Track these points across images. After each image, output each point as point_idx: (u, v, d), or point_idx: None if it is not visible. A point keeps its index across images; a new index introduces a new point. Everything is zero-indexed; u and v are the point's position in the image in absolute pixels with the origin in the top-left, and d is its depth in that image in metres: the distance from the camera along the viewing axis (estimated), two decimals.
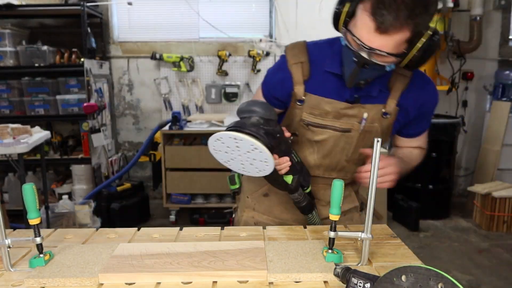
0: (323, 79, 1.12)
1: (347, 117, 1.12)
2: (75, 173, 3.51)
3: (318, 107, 1.12)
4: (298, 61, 1.13)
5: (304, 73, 1.13)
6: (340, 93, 1.11)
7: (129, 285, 0.82)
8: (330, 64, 1.11)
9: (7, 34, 3.30)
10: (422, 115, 1.18)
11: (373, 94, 1.11)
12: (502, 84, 3.90)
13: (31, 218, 0.86)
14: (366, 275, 0.72)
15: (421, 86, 1.15)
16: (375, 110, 1.12)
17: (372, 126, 1.13)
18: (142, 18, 3.83)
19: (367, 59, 0.96)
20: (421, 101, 1.15)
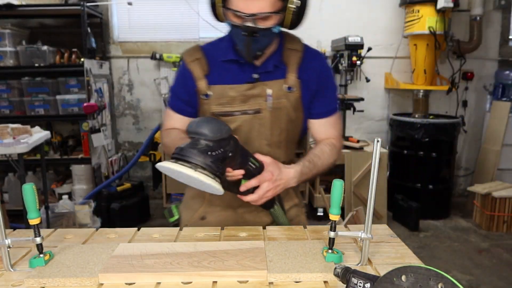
0: (222, 70, 1.17)
1: (253, 98, 1.16)
2: (75, 173, 3.52)
3: (224, 95, 1.16)
4: (195, 58, 1.18)
5: (203, 68, 1.17)
6: (240, 77, 1.16)
7: (129, 285, 0.82)
8: (225, 54, 1.17)
9: (7, 34, 3.30)
10: (323, 87, 1.21)
11: (269, 69, 1.15)
12: (502, 84, 3.90)
13: (31, 218, 0.86)
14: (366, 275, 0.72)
15: (313, 58, 1.21)
16: (277, 86, 1.16)
17: (280, 103, 1.16)
18: (142, 18, 3.83)
19: (253, 27, 1.02)
20: (317, 71, 1.20)
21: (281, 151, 1.21)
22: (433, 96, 3.97)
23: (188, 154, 0.88)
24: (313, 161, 1.16)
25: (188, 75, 1.18)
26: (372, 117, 4.05)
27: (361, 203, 3.34)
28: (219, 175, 0.90)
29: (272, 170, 1.05)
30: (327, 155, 1.20)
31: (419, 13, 3.44)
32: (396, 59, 3.93)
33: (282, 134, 1.19)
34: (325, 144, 1.23)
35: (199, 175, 0.86)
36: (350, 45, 3.34)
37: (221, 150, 0.91)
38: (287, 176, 1.08)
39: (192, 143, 0.90)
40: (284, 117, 1.17)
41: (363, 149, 3.47)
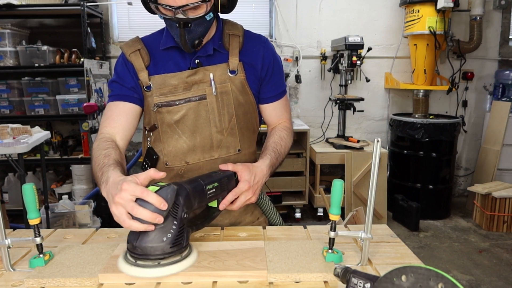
0: (163, 59, 1.15)
1: (196, 84, 1.13)
2: (75, 173, 3.52)
3: (165, 84, 1.13)
4: (135, 49, 1.15)
5: (144, 59, 1.15)
6: (181, 65, 1.14)
7: (129, 285, 0.82)
8: (164, 42, 1.16)
9: (7, 34, 3.30)
10: (269, 71, 1.20)
11: (209, 52, 1.14)
12: (502, 84, 3.90)
13: (31, 218, 0.85)
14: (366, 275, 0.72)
15: (255, 42, 1.20)
16: (220, 70, 1.14)
17: (224, 86, 1.14)
18: (142, 18, 3.83)
19: (185, 18, 1.01)
20: (261, 56, 1.19)
21: (235, 139, 1.17)
22: (433, 96, 3.97)
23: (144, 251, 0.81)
24: (276, 150, 1.18)
25: (130, 67, 1.15)
26: (372, 117, 4.05)
27: (361, 203, 3.34)
28: (185, 246, 0.86)
29: (248, 178, 1.03)
30: (285, 140, 1.23)
31: (419, 13, 3.44)
32: (396, 59, 3.93)
33: (232, 120, 1.16)
34: (281, 129, 1.25)
35: (166, 269, 0.82)
36: (350, 45, 3.34)
37: (174, 225, 0.82)
38: (261, 176, 1.08)
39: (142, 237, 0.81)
40: (231, 101, 1.15)
41: (363, 149, 3.47)
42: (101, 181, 0.93)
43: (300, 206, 3.60)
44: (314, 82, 3.93)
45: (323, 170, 3.87)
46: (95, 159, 1.02)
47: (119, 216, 0.80)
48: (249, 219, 1.27)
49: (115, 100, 1.15)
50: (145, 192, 0.79)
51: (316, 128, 3.93)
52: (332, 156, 3.47)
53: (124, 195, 0.79)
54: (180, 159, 1.16)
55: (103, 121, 1.15)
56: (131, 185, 0.80)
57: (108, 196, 0.85)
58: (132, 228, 0.79)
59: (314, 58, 3.90)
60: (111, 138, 1.11)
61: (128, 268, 0.83)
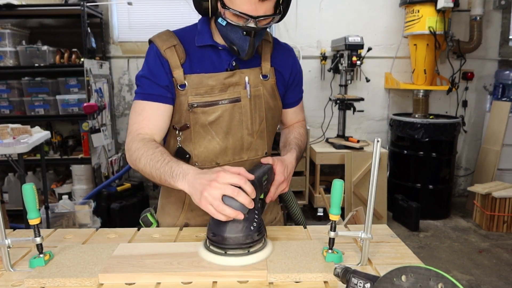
0: (198, 57, 1.12)
1: (232, 86, 1.13)
2: (75, 173, 3.52)
3: (202, 84, 1.11)
4: (171, 44, 1.10)
5: (180, 56, 1.10)
6: (218, 65, 1.13)
7: (129, 285, 0.82)
8: (200, 39, 1.13)
9: (7, 34, 3.30)
10: (295, 78, 1.25)
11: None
12: (502, 84, 3.90)
13: (31, 218, 0.85)
14: (366, 275, 0.72)
15: (284, 50, 1.24)
16: (254, 74, 1.15)
17: (257, 90, 1.15)
18: (142, 18, 3.83)
19: (256, 28, 1.02)
20: (290, 62, 1.23)
21: (263, 142, 1.19)
22: (433, 96, 3.97)
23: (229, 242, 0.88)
24: (299, 145, 1.24)
25: (164, 64, 1.09)
26: (372, 117, 4.05)
27: (361, 203, 3.34)
28: (262, 231, 0.92)
29: (282, 170, 1.08)
30: (304, 137, 1.29)
31: (419, 13, 3.44)
32: (396, 59, 3.93)
33: (263, 123, 1.17)
34: (299, 127, 1.32)
35: (256, 256, 0.88)
36: (350, 45, 3.34)
37: (256, 214, 0.90)
38: (292, 168, 1.13)
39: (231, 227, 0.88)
40: (263, 105, 1.16)
41: (363, 149, 3.47)
42: (173, 175, 0.94)
43: (300, 206, 3.59)
44: (314, 82, 3.93)
45: (323, 170, 3.87)
46: (148, 156, 1.00)
47: (211, 198, 0.85)
48: (268, 218, 1.28)
49: (148, 99, 1.09)
50: (242, 179, 0.86)
51: (316, 128, 3.93)
52: (332, 156, 3.47)
53: (223, 180, 0.86)
54: (211, 160, 1.15)
55: (137, 121, 1.09)
56: (228, 173, 0.87)
57: (196, 184, 0.89)
58: (224, 212, 0.84)
59: (314, 58, 3.90)
60: (152, 138, 1.08)
61: (219, 258, 0.87)
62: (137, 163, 1.03)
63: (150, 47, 1.14)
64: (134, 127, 1.09)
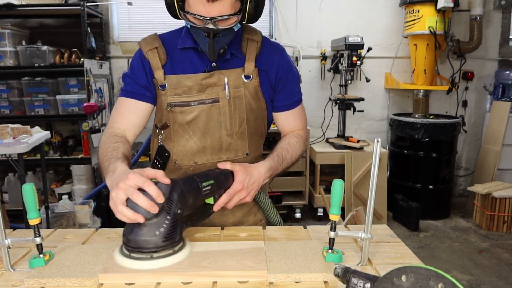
0: (180, 59, 1.16)
1: (210, 87, 1.14)
2: (75, 173, 3.52)
3: (180, 85, 1.14)
4: (153, 47, 1.16)
5: (161, 57, 1.15)
6: (198, 67, 1.15)
7: (129, 285, 0.82)
8: (182, 42, 1.16)
9: (7, 34, 3.30)
10: (283, 80, 1.21)
11: (227, 57, 1.14)
12: (502, 84, 3.90)
13: (31, 218, 0.85)
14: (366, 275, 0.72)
15: (273, 50, 1.21)
16: (235, 75, 1.15)
17: (238, 91, 1.15)
18: (142, 18, 3.83)
19: (215, 29, 1.02)
20: (276, 65, 1.20)
21: (244, 143, 1.19)
22: (433, 96, 3.97)
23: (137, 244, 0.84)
24: (281, 155, 1.18)
25: (146, 65, 1.16)
26: (372, 117, 4.05)
27: (361, 203, 3.34)
28: (178, 240, 0.88)
29: (242, 179, 1.04)
30: (294, 147, 1.22)
31: (419, 13, 3.44)
32: (396, 59, 3.93)
33: (243, 124, 1.17)
34: (291, 136, 1.25)
35: (158, 262, 0.84)
36: (350, 45, 3.34)
37: (167, 220, 0.85)
38: (258, 177, 1.09)
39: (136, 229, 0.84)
40: (243, 106, 1.16)
41: (363, 149, 3.47)
42: (107, 171, 0.96)
43: (300, 206, 3.60)
44: (314, 82, 3.93)
45: (323, 170, 3.87)
46: (103, 151, 1.05)
47: (115, 199, 0.82)
48: (252, 220, 1.27)
49: (128, 96, 1.17)
50: (147, 182, 0.83)
51: (316, 128, 3.93)
52: (332, 156, 3.48)
53: (129, 182, 0.82)
54: (189, 158, 1.18)
55: (114, 116, 1.17)
56: (136, 175, 0.83)
57: (112, 184, 0.88)
58: (123, 214, 0.82)
59: (314, 58, 3.90)
60: (122, 133, 1.14)
61: (122, 260, 0.85)
62: (97, 154, 1.08)
63: (138, 49, 1.21)
64: (110, 121, 1.17)
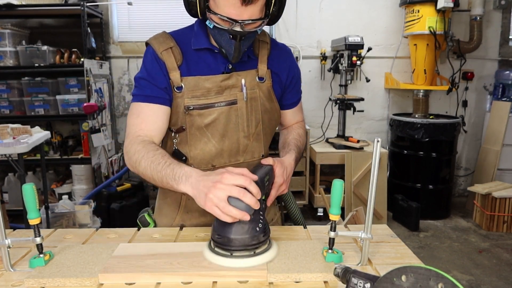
0: (195, 59, 1.13)
1: (228, 89, 1.13)
2: (75, 173, 3.52)
3: (198, 86, 1.11)
4: (168, 47, 1.11)
5: (177, 58, 1.11)
6: (215, 68, 1.13)
7: (129, 285, 0.82)
8: (197, 42, 1.13)
9: (7, 34, 3.30)
10: (292, 79, 1.25)
11: (244, 59, 1.14)
12: (502, 84, 3.90)
13: (31, 218, 0.85)
14: (366, 275, 0.72)
15: (282, 52, 1.23)
16: (250, 76, 1.15)
17: (254, 92, 1.15)
18: (142, 18, 3.83)
19: (242, 31, 1.01)
20: (288, 67, 1.23)
21: (259, 144, 1.19)
22: (433, 96, 3.97)
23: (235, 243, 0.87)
24: (298, 146, 1.24)
25: (162, 66, 1.10)
26: (372, 117, 4.05)
27: (361, 203, 3.34)
28: (267, 232, 0.91)
29: (281, 172, 1.07)
30: (303, 137, 1.30)
31: (419, 13, 3.44)
32: (396, 59, 3.93)
33: (259, 126, 1.17)
34: (298, 128, 1.32)
35: (262, 257, 0.88)
36: (350, 45, 3.34)
37: (261, 215, 0.89)
38: (291, 169, 1.13)
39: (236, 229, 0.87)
40: (259, 108, 1.16)
41: (363, 149, 3.47)
42: (174, 177, 0.94)
43: (300, 206, 3.60)
44: (314, 82, 3.93)
45: (323, 170, 3.87)
46: (150, 159, 0.99)
47: (217, 199, 0.84)
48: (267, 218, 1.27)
49: (147, 101, 1.09)
50: (248, 180, 0.86)
51: (316, 128, 3.93)
52: (332, 156, 3.47)
53: (228, 181, 0.85)
54: (206, 162, 1.15)
55: (137, 123, 1.09)
56: (233, 174, 0.86)
57: (203, 186, 0.88)
58: (231, 213, 0.83)
59: (314, 58, 3.90)
60: (152, 140, 1.08)
61: (225, 260, 0.86)
62: (137, 165, 1.02)
63: (147, 49, 1.14)
64: (133, 129, 1.08)
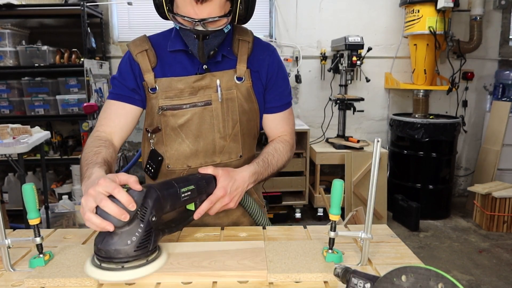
0: (170, 61, 1.14)
1: (202, 89, 1.13)
2: (75, 173, 3.51)
3: (171, 87, 1.12)
4: (142, 49, 1.13)
5: (151, 60, 1.13)
6: (189, 69, 1.13)
7: (129, 285, 0.82)
8: (172, 44, 1.14)
9: (7, 34, 3.30)
10: (273, 80, 1.20)
11: (218, 59, 1.13)
12: (502, 84, 3.90)
13: (31, 218, 0.85)
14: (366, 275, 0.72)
15: (263, 50, 1.20)
16: (227, 76, 1.14)
17: (230, 93, 1.14)
18: (142, 18, 3.83)
19: (204, 31, 1.01)
20: (266, 64, 1.19)
21: (237, 145, 1.18)
22: (433, 96, 3.97)
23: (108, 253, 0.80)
24: (267, 160, 1.16)
25: (135, 67, 1.13)
26: (372, 117, 4.05)
27: (361, 203, 3.34)
28: (152, 250, 0.84)
29: (225, 184, 1.02)
30: (280, 152, 1.20)
31: (419, 13, 3.44)
32: (396, 59, 3.93)
33: (236, 126, 1.16)
34: (278, 142, 1.23)
35: (129, 273, 0.80)
36: (350, 45, 3.34)
37: (140, 228, 0.81)
38: (242, 182, 1.07)
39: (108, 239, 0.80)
40: (236, 108, 1.15)
41: (363, 149, 3.47)
42: (84, 176, 0.94)
43: (300, 206, 3.60)
44: (314, 82, 3.93)
45: (323, 170, 3.87)
46: (84, 155, 1.03)
47: (85, 206, 0.79)
48: (249, 220, 1.26)
49: (115, 99, 1.15)
50: (117, 189, 0.78)
51: (316, 128, 3.93)
52: (332, 156, 3.48)
53: (98, 188, 0.78)
54: (182, 162, 1.17)
55: (101, 119, 1.15)
56: (107, 180, 0.79)
57: (85, 190, 0.85)
58: (91, 222, 0.78)
59: (314, 58, 3.90)
60: (107, 137, 1.11)
61: (93, 270, 0.82)
62: (80, 158, 1.06)
63: (126, 51, 1.18)
64: (97, 125, 1.15)
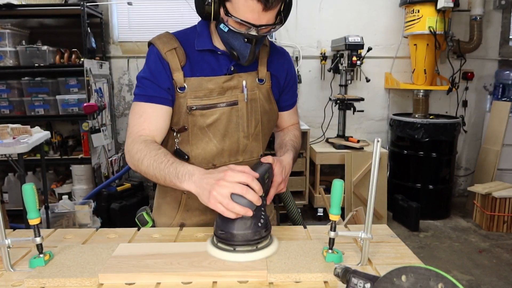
0: (198, 60, 1.14)
1: (230, 90, 1.15)
2: (75, 173, 3.52)
3: (201, 87, 1.12)
4: (172, 47, 1.11)
5: (180, 59, 1.12)
6: (217, 69, 1.15)
7: (129, 285, 0.82)
8: (200, 43, 1.14)
9: (7, 34, 3.30)
10: (290, 81, 1.29)
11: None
12: (502, 84, 3.90)
13: (31, 218, 0.85)
14: (366, 275, 0.72)
15: (280, 54, 1.27)
16: (251, 78, 1.18)
17: (254, 94, 1.18)
18: (142, 18, 3.84)
19: (257, 36, 1.04)
20: (286, 70, 1.26)
21: (258, 144, 1.22)
22: (433, 96, 3.97)
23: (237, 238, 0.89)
24: (294, 146, 1.27)
25: (165, 66, 1.10)
26: (372, 117, 4.05)
27: (361, 203, 3.34)
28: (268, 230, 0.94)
29: (280, 171, 1.10)
30: (298, 138, 1.33)
31: (419, 13, 3.44)
32: (396, 59, 3.93)
33: (258, 126, 1.20)
34: (294, 129, 1.35)
35: (264, 252, 0.90)
36: (350, 45, 3.34)
37: (262, 211, 0.92)
38: (289, 168, 1.16)
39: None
40: (259, 109, 1.19)
41: (363, 149, 3.47)
42: (177, 175, 0.95)
43: (300, 206, 3.60)
44: (314, 82, 3.93)
45: (323, 170, 3.87)
46: (152, 157, 1.00)
47: (221, 196, 0.86)
48: None
49: (151, 101, 1.10)
50: (250, 178, 0.88)
51: (316, 128, 3.93)
52: (332, 156, 3.47)
53: (231, 178, 0.87)
54: (207, 161, 1.17)
55: (139, 122, 1.09)
56: (236, 172, 0.88)
57: (202, 184, 0.90)
58: (234, 210, 0.86)
59: (314, 58, 3.90)
60: (154, 140, 1.09)
61: (228, 255, 0.89)
62: (139, 164, 1.03)
63: (150, 49, 1.15)
64: (135, 129, 1.09)
